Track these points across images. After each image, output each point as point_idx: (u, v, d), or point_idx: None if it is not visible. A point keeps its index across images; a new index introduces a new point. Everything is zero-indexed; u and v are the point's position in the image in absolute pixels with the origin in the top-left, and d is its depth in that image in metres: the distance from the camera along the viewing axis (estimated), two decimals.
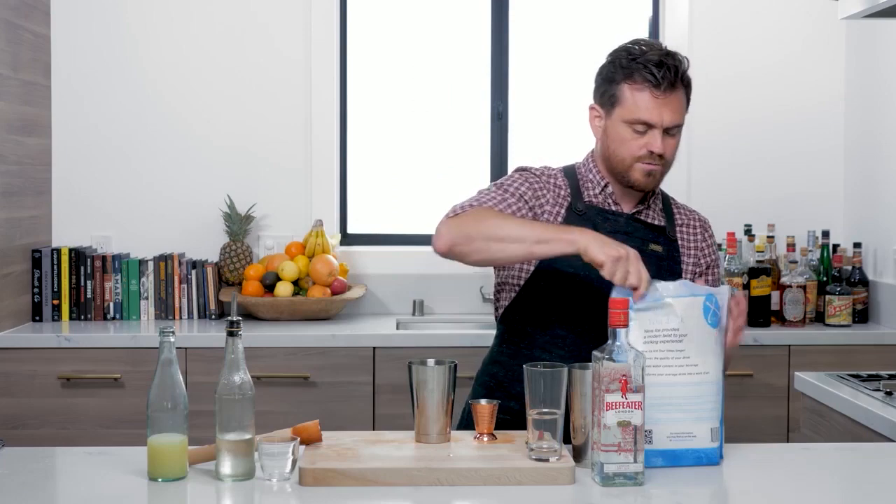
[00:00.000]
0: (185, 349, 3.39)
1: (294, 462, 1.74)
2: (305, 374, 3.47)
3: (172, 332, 1.74)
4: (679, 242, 2.25)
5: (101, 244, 3.98)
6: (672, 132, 2.12)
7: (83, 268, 3.81)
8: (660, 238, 2.22)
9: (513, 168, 2.29)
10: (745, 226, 3.89)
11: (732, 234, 3.79)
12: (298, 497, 1.67)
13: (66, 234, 3.98)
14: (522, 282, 2.19)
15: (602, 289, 1.88)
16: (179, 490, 1.70)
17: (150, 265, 3.84)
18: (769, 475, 1.82)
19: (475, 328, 3.81)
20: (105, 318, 3.81)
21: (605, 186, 2.21)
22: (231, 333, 1.75)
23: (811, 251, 3.88)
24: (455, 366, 1.91)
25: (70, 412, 3.45)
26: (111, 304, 3.82)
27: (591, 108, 2.21)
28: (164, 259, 3.85)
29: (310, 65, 4.03)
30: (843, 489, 1.86)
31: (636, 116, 2.10)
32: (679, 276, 1.93)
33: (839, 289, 3.72)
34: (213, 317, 3.85)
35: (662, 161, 2.13)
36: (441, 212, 2.13)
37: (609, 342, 1.70)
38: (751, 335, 3.55)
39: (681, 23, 4.06)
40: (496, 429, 1.92)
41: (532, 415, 1.78)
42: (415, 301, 4.00)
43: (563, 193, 2.21)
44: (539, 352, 2.17)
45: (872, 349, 3.57)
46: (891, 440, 2.22)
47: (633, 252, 1.88)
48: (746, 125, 4.10)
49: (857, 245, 3.82)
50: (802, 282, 3.75)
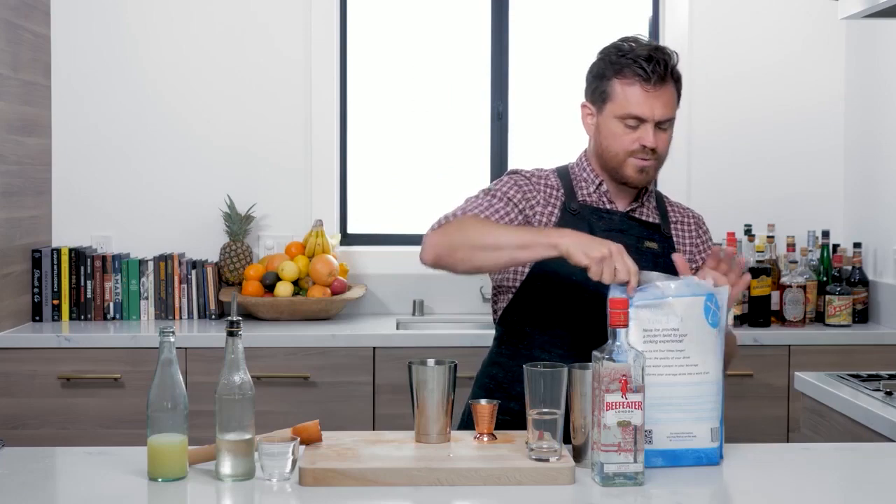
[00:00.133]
0: (185, 349, 3.39)
1: (294, 462, 1.74)
2: (305, 374, 3.48)
3: (172, 332, 1.74)
4: (674, 239, 2.25)
5: (101, 244, 3.98)
6: (664, 126, 2.12)
7: (83, 268, 3.81)
8: (655, 235, 2.22)
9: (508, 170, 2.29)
10: (745, 226, 3.89)
11: (732, 234, 3.78)
12: (298, 497, 1.67)
13: (66, 234, 3.98)
14: (518, 284, 2.19)
15: (598, 287, 1.88)
16: (179, 490, 1.70)
17: (150, 265, 3.84)
18: (769, 475, 1.82)
19: (475, 328, 3.80)
20: (105, 318, 3.81)
21: (600, 185, 2.21)
22: (231, 333, 1.75)
23: (811, 251, 3.88)
24: (455, 366, 1.91)
25: (70, 412, 3.45)
26: (111, 304, 3.82)
27: (583, 106, 2.21)
28: (164, 259, 3.85)
29: (310, 65, 4.03)
30: (843, 489, 1.86)
31: (627, 111, 2.10)
32: (675, 273, 1.93)
33: (839, 289, 3.72)
34: (213, 317, 3.85)
35: (655, 156, 2.13)
36: (441, 212, 2.13)
37: (609, 342, 1.70)
38: (751, 335, 3.55)
39: (681, 23, 4.06)
40: (496, 429, 1.92)
41: (532, 415, 1.78)
42: (415, 301, 4.00)
43: (557, 193, 2.20)
44: (538, 351, 2.17)
45: (872, 349, 3.57)
46: (891, 440, 2.22)
47: (616, 247, 1.87)
48: (746, 125, 4.10)
49: (857, 245, 3.82)
50: (802, 282, 3.75)
